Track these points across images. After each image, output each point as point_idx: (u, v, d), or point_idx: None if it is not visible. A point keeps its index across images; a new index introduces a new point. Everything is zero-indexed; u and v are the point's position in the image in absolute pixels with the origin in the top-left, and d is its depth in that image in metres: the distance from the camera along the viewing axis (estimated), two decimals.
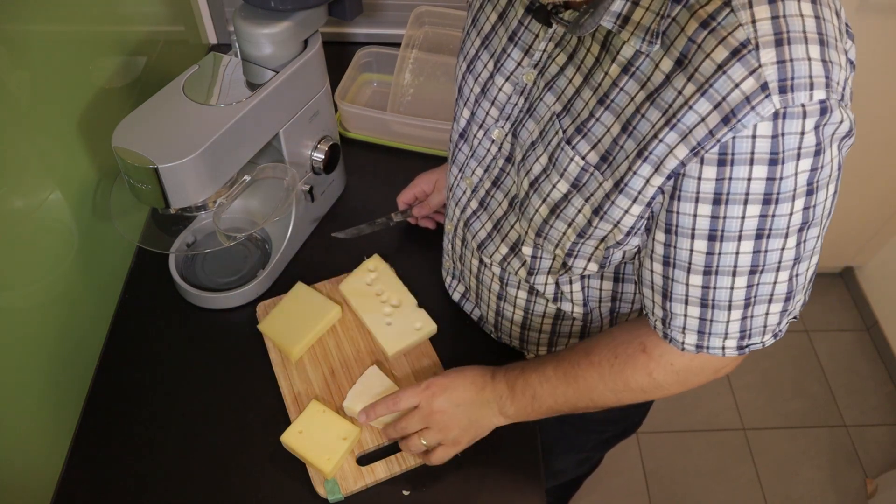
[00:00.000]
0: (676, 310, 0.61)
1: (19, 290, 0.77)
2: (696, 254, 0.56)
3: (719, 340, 0.62)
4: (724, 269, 0.56)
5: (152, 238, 0.98)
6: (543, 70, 0.64)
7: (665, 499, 1.77)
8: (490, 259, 0.79)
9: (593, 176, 0.59)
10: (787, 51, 0.47)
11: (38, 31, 0.78)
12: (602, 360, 0.69)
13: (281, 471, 0.79)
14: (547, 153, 0.63)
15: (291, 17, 0.82)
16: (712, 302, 0.59)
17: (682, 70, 0.50)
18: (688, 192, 0.53)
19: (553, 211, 0.64)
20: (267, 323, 0.89)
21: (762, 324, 0.61)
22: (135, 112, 0.78)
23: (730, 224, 0.53)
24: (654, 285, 0.62)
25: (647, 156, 0.54)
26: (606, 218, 0.60)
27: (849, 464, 1.85)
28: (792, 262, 0.57)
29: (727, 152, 0.50)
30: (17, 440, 0.77)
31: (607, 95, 0.56)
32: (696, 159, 0.51)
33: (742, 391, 1.97)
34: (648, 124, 0.53)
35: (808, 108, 0.48)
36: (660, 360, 0.67)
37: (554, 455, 1.12)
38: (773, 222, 0.53)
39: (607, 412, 1.01)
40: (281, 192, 0.91)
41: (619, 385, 0.69)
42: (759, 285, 0.58)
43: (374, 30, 1.36)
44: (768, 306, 0.60)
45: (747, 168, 0.50)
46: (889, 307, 2.06)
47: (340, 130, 1.18)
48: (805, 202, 0.52)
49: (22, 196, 0.76)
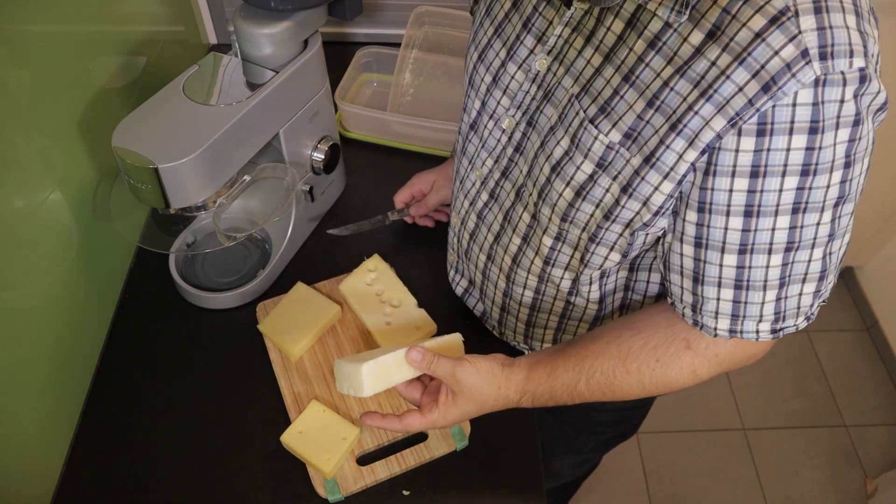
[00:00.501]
0: (709, 293, 0.60)
1: (19, 290, 0.77)
2: (732, 232, 0.55)
3: (753, 324, 0.61)
4: (759, 247, 0.55)
5: (152, 238, 0.98)
6: (561, 55, 0.63)
7: (665, 499, 1.77)
8: (505, 251, 0.78)
9: (619, 154, 0.58)
10: (827, 18, 0.47)
11: (38, 31, 0.78)
12: (642, 367, 0.66)
13: (281, 471, 0.79)
14: (568, 135, 0.62)
15: (291, 17, 0.82)
16: (747, 283, 0.58)
17: (716, 41, 0.50)
18: (724, 167, 0.53)
19: (579, 193, 0.63)
20: (267, 323, 0.89)
21: (796, 305, 0.60)
22: (135, 112, 0.78)
23: (767, 198, 0.53)
24: (683, 269, 0.61)
25: (681, 129, 0.53)
26: (635, 196, 0.59)
27: (849, 464, 1.85)
28: (827, 239, 0.56)
29: (767, 122, 0.49)
30: (17, 440, 0.77)
31: (632, 72, 0.56)
32: (734, 131, 0.51)
33: (742, 391, 1.97)
34: (678, 97, 0.53)
35: (847, 76, 0.48)
36: (705, 353, 0.65)
37: (553, 456, 1.12)
38: (810, 195, 0.52)
39: (609, 415, 1.01)
40: (281, 192, 0.91)
41: (659, 387, 0.67)
42: (794, 263, 0.57)
43: (374, 30, 1.36)
44: (802, 286, 0.59)
45: (787, 138, 0.50)
46: (889, 307, 2.06)
47: (340, 130, 1.18)
48: (843, 175, 0.52)
49: (22, 196, 0.76)
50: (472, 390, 0.67)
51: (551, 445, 1.08)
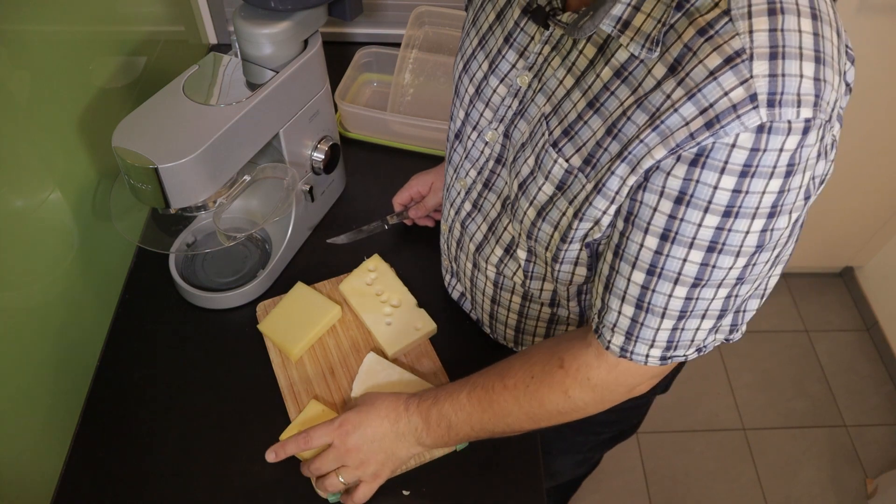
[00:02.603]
0: (613, 304, 0.61)
1: (19, 290, 0.77)
2: (645, 250, 0.56)
3: (645, 347, 0.61)
4: (667, 274, 0.56)
5: (152, 238, 0.98)
6: (540, 73, 0.64)
7: (665, 499, 1.77)
8: (486, 262, 0.78)
9: (577, 178, 0.59)
10: (781, 65, 0.46)
11: (38, 31, 0.78)
12: (517, 383, 0.69)
13: (281, 471, 0.79)
14: (534, 155, 0.63)
15: (291, 17, 0.82)
16: (647, 305, 0.58)
17: (674, 75, 0.50)
18: (654, 185, 0.53)
19: (539, 213, 0.64)
20: (267, 323, 0.89)
21: (690, 338, 0.61)
22: (135, 112, 0.78)
23: (685, 228, 0.53)
24: (601, 274, 0.62)
25: (626, 156, 0.53)
26: (585, 218, 0.60)
27: (849, 464, 1.85)
28: (735, 282, 0.56)
29: (703, 154, 0.49)
30: (17, 440, 0.77)
31: (597, 99, 0.56)
32: (673, 156, 0.51)
33: (742, 391, 1.97)
34: (634, 127, 0.53)
35: (793, 125, 0.47)
36: (577, 374, 0.66)
37: (552, 456, 1.12)
38: (727, 237, 0.52)
39: (605, 413, 1.01)
40: (281, 192, 0.91)
41: (534, 407, 0.68)
42: (698, 300, 0.57)
43: (374, 30, 1.36)
44: (701, 321, 0.59)
45: (717, 176, 0.50)
46: (889, 307, 2.06)
47: (340, 130, 1.18)
48: (764, 224, 0.52)
49: (22, 196, 0.76)
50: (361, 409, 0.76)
51: (549, 445, 1.07)
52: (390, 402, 0.76)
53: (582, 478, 1.46)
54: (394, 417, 0.75)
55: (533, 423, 0.70)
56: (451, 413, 0.72)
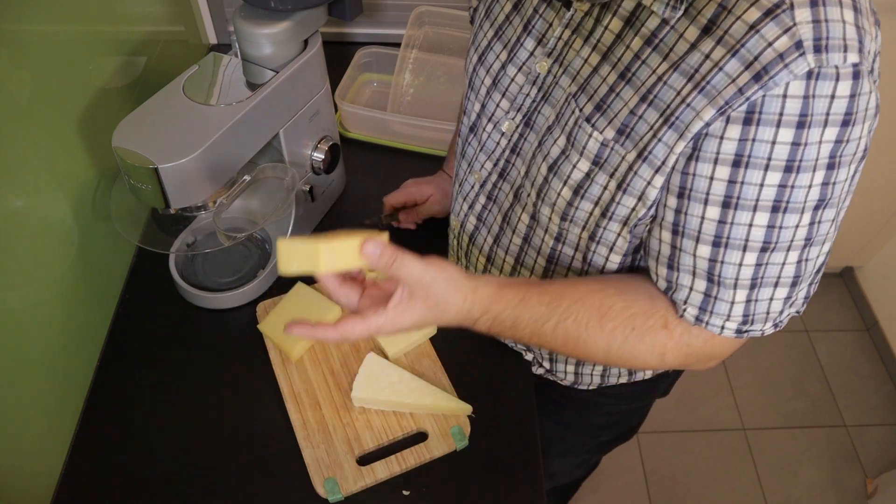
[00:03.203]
0: (683, 281, 0.60)
1: (19, 290, 0.77)
2: (708, 222, 0.55)
3: (720, 320, 0.60)
4: (734, 243, 0.55)
5: (152, 238, 0.98)
6: (560, 57, 0.64)
7: (665, 499, 1.77)
8: (506, 252, 0.77)
9: (614, 150, 0.58)
10: (823, 11, 0.47)
11: (38, 31, 0.78)
12: (616, 329, 0.62)
13: (281, 471, 0.79)
14: (564, 134, 0.62)
15: (291, 17, 0.82)
16: (718, 278, 0.57)
17: (710, 35, 0.50)
18: (707, 153, 0.52)
19: (577, 192, 0.63)
20: (267, 323, 0.89)
21: (765, 310, 0.60)
22: (135, 112, 0.78)
23: (746, 191, 0.52)
24: (660, 256, 0.61)
25: (673, 122, 0.53)
26: (629, 191, 0.59)
27: (849, 464, 1.85)
28: (803, 243, 0.55)
29: (755, 111, 0.49)
30: (17, 440, 0.77)
31: (628, 69, 0.56)
32: (722, 118, 0.50)
33: (742, 391, 1.97)
34: (672, 92, 0.53)
35: (841, 71, 0.47)
36: (679, 339, 0.63)
37: (550, 457, 1.11)
38: (791, 194, 0.52)
39: (605, 418, 1.01)
40: (281, 192, 0.91)
41: (623, 356, 0.64)
42: (768, 265, 0.56)
43: (374, 30, 1.36)
44: (774, 290, 0.58)
45: (773, 130, 0.49)
46: (889, 307, 2.06)
47: (340, 130, 1.18)
48: (825, 176, 0.51)
49: (22, 196, 0.76)
50: (438, 297, 0.59)
51: (548, 446, 1.07)
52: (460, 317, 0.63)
53: (581, 479, 1.46)
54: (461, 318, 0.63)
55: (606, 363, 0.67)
56: (525, 338, 0.65)
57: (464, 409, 0.83)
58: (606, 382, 0.89)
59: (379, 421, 0.82)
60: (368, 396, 0.82)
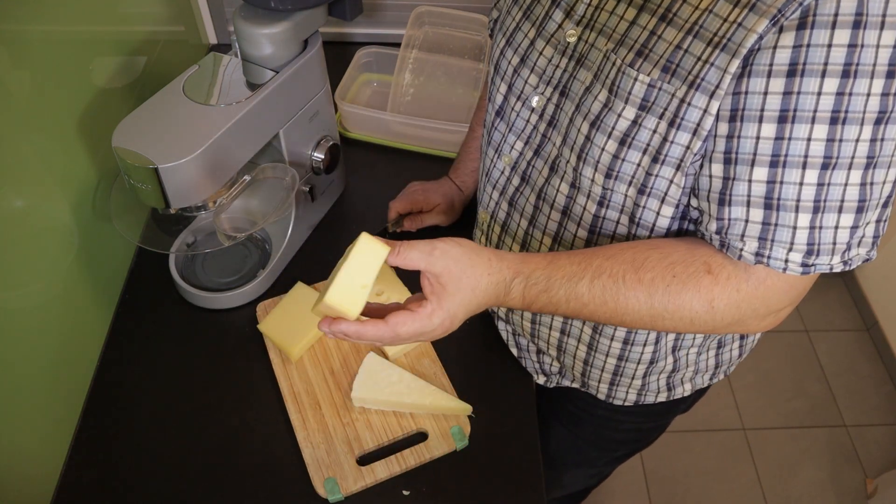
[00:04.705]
0: (737, 214, 0.56)
1: (19, 290, 0.77)
2: (763, 141, 0.53)
3: (783, 251, 0.56)
4: (793, 160, 0.52)
5: (152, 238, 0.98)
6: (592, 22, 0.63)
7: (665, 499, 1.77)
8: (543, 232, 0.75)
9: (662, 90, 0.57)
10: None
11: (38, 31, 0.78)
12: (655, 279, 0.59)
13: (281, 471, 0.79)
14: (605, 87, 0.61)
15: (291, 17, 0.82)
16: (777, 201, 0.54)
17: None
18: (760, 66, 0.51)
19: (623, 142, 0.61)
20: (267, 323, 0.89)
21: (831, 239, 0.55)
22: (135, 112, 0.78)
23: (804, 101, 0.50)
24: (710, 193, 0.58)
25: (724, 44, 0.52)
26: (684, 126, 0.57)
27: (849, 464, 1.85)
28: (866, 161, 0.52)
29: (809, 14, 0.48)
30: (17, 440, 0.77)
31: (669, 10, 0.56)
32: (775, 29, 0.50)
33: (742, 391, 1.97)
34: (719, 20, 0.52)
35: None
36: (727, 283, 0.59)
37: (565, 468, 1.10)
38: (849, 102, 0.50)
39: (626, 434, 0.99)
40: (281, 192, 0.91)
41: (669, 308, 0.60)
42: (830, 186, 0.53)
43: (374, 30, 1.36)
44: (839, 216, 0.54)
45: (829, 32, 0.48)
46: (889, 307, 2.06)
47: (340, 130, 1.18)
48: (885, 86, 0.49)
49: (22, 196, 0.76)
50: (463, 265, 0.59)
51: (563, 458, 1.06)
52: (494, 282, 0.61)
53: (592, 487, 1.45)
54: (500, 289, 0.62)
55: (653, 325, 0.62)
56: (562, 303, 0.62)
57: (464, 409, 0.83)
58: (643, 400, 0.87)
59: (379, 421, 0.82)
60: (368, 396, 0.82)
